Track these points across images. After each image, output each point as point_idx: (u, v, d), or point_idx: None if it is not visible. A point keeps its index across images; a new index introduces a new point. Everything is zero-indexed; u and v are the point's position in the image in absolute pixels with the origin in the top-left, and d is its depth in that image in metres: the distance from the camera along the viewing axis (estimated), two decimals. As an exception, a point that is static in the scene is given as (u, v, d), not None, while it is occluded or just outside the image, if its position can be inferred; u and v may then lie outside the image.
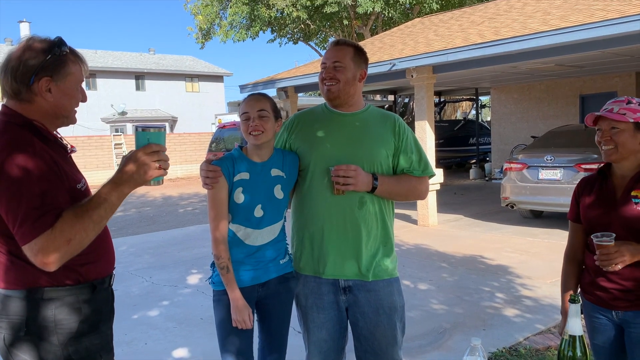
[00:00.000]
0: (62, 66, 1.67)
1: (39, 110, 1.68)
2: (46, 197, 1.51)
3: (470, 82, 14.01)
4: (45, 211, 1.49)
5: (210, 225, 2.27)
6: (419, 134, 8.72)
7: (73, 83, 1.72)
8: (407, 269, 6.03)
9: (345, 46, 2.31)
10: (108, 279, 1.83)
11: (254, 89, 11.67)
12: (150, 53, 37.37)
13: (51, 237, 1.47)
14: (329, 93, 2.28)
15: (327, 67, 2.28)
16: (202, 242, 7.91)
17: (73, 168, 1.76)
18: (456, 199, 11.74)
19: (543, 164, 8.02)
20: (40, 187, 1.51)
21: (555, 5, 9.47)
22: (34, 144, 1.57)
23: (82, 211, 1.53)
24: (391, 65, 8.90)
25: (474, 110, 23.63)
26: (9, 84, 1.65)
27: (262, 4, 21.32)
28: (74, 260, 1.62)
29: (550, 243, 7.03)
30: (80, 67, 1.74)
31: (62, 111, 1.72)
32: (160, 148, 1.59)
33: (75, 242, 1.50)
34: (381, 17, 21.81)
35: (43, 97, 1.66)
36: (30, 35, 1.69)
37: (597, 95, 12.77)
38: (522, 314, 4.55)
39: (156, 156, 1.57)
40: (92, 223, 1.53)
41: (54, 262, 1.49)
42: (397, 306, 2.30)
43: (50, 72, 1.65)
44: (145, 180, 1.58)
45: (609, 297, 2.11)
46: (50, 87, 1.66)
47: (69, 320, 1.67)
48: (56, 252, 1.47)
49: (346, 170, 2.15)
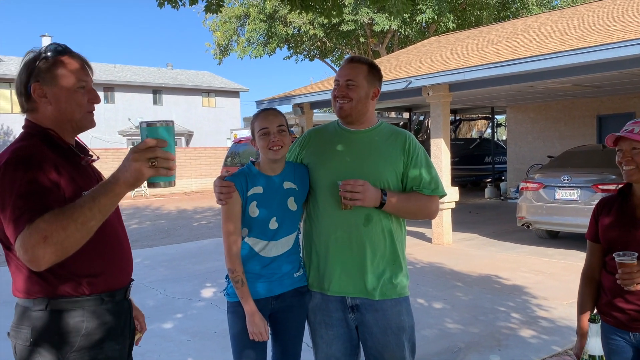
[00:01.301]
0: (49, 70, 1.67)
1: (47, 117, 1.70)
2: (31, 198, 1.49)
3: (486, 101, 13.99)
4: (27, 210, 1.46)
5: (224, 239, 2.29)
6: (435, 151, 8.71)
7: (65, 84, 1.69)
8: (422, 287, 5.99)
9: (359, 64, 2.31)
10: (120, 292, 1.79)
11: (270, 104, 11.76)
12: (168, 68, 37.86)
13: (27, 234, 1.42)
14: (341, 111, 2.29)
15: (340, 85, 2.28)
16: (216, 255, 7.93)
17: (87, 176, 1.74)
18: (471, 217, 11.67)
19: (560, 184, 7.95)
20: (27, 189, 1.50)
21: (573, 26, 9.47)
22: (35, 150, 1.59)
23: (64, 210, 1.45)
24: (407, 83, 8.93)
25: (489, 128, 23.56)
26: (18, 98, 1.72)
27: (280, 21, 21.60)
28: (79, 271, 1.62)
29: (567, 264, 6.95)
30: (75, 68, 1.70)
31: (68, 115, 1.71)
32: (158, 144, 1.40)
33: (54, 240, 1.41)
34: (397, 35, 21.95)
35: (42, 103, 1.69)
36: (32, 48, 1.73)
37: (614, 116, 12.67)
38: (538, 335, 4.49)
39: (149, 153, 1.39)
40: (74, 222, 1.42)
41: (35, 261, 1.42)
42: (405, 326, 2.27)
43: (38, 78, 1.67)
44: (137, 179, 1.41)
45: (626, 318, 2.08)
46: (45, 93, 1.68)
47: (73, 333, 1.65)
48: (34, 250, 1.41)
49: (354, 185, 2.14)
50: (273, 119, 2.26)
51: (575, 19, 10.26)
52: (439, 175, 2.39)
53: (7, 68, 28.76)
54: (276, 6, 20.35)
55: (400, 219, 2.33)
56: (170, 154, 1.43)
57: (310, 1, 4.53)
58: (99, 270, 1.70)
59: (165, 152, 1.41)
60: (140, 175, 1.40)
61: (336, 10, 4.89)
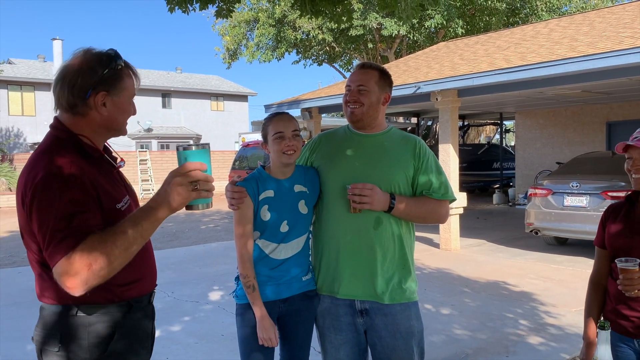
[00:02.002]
0: (118, 80, 1.64)
1: (91, 123, 1.65)
2: (73, 220, 1.45)
3: (495, 107, 13.95)
4: (69, 234, 1.43)
5: (236, 244, 2.30)
6: (443, 157, 8.70)
7: (127, 97, 1.69)
8: (429, 292, 5.98)
9: (371, 70, 2.33)
10: (147, 297, 1.79)
11: (279, 109, 11.80)
12: (177, 72, 38.04)
13: (70, 261, 1.40)
14: (353, 116, 2.31)
15: (352, 90, 2.30)
16: (223, 258, 7.95)
17: (117, 186, 1.72)
18: (479, 223, 11.62)
19: (568, 190, 7.91)
20: (68, 210, 1.46)
21: (583, 32, 9.44)
22: (71, 164, 1.53)
23: (107, 235, 1.44)
24: (416, 88, 8.94)
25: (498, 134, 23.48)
26: (65, 97, 1.61)
27: (289, 26, 21.67)
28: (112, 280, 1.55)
29: (575, 271, 6.91)
30: (133, 81, 1.71)
31: (115, 125, 1.70)
32: (198, 167, 1.43)
33: (97, 267, 1.40)
34: (406, 40, 21.96)
35: (98, 111, 1.63)
36: (86, 48, 1.65)
37: (624, 123, 12.60)
38: (546, 342, 4.47)
39: (191, 176, 1.42)
40: (117, 248, 1.42)
41: (76, 287, 1.41)
42: (414, 331, 2.27)
43: (107, 87, 1.62)
44: (180, 203, 1.44)
45: (631, 325, 2.08)
46: (106, 102, 1.63)
47: (102, 339, 1.64)
48: (76, 277, 1.39)
49: (362, 188, 2.15)
50: (288, 123, 2.29)
51: (585, 25, 10.23)
52: (448, 179, 2.40)
53: (18, 71, 29.01)
54: (285, 11, 20.44)
55: (410, 223, 2.34)
56: (210, 177, 1.46)
57: (321, 6, 4.55)
58: (130, 278, 1.68)
59: (206, 175, 1.45)
60: (183, 200, 1.43)
61: (346, 16, 4.91)
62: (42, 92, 29.33)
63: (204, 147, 1.47)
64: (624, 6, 12.11)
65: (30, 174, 1.53)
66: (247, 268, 2.26)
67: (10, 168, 20.24)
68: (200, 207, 1.48)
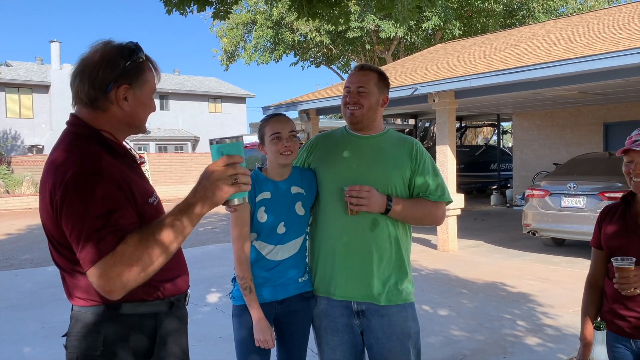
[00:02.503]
0: (140, 74, 1.56)
1: (112, 119, 1.56)
2: (110, 219, 1.37)
3: (492, 108, 13.97)
4: (107, 234, 1.35)
5: (233, 245, 2.30)
6: (440, 158, 8.72)
7: (149, 91, 1.61)
8: (427, 293, 5.98)
9: (370, 71, 2.34)
10: (184, 296, 1.73)
11: (277, 110, 11.80)
12: (175, 74, 38.06)
13: (111, 262, 1.33)
14: (352, 117, 2.31)
15: (352, 91, 2.31)
16: (221, 260, 7.95)
17: (144, 180, 1.65)
18: (477, 224, 11.64)
19: (566, 191, 7.93)
20: (104, 208, 1.38)
21: (580, 34, 9.47)
22: (101, 160, 1.45)
23: (147, 234, 1.37)
24: (413, 90, 8.95)
25: (495, 135, 23.52)
26: (85, 90, 1.53)
27: (286, 28, 21.69)
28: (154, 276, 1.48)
29: (572, 272, 6.92)
30: (154, 75, 1.63)
31: (136, 121, 1.61)
32: (235, 160, 1.38)
33: (139, 268, 1.35)
34: (403, 42, 21.99)
35: (119, 105, 1.54)
36: (106, 40, 1.57)
37: (621, 124, 12.63)
38: (544, 343, 4.47)
39: (230, 170, 1.37)
40: (159, 248, 1.37)
41: (116, 290, 1.35)
42: (410, 332, 2.28)
43: (129, 80, 1.53)
44: (220, 198, 1.39)
45: (626, 325, 2.09)
46: (127, 95, 1.54)
47: (148, 338, 1.57)
48: (118, 279, 1.33)
49: (359, 190, 2.15)
50: (285, 124, 2.29)
51: (582, 27, 10.26)
52: (445, 182, 2.40)
53: (15, 73, 28.98)
54: (283, 13, 20.45)
55: (406, 225, 2.34)
56: (247, 170, 1.42)
57: (318, 9, 4.56)
58: (171, 274, 1.63)
59: (243, 168, 1.40)
60: (223, 194, 1.38)
61: (343, 18, 4.92)
62: (39, 95, 29.31)
63: (238, 139, 1.42)
64: (620, 7, 12.15)
65: (58, 172, 1.44)
66: (244, 270, 2.26)
67: (8, 170, 20.21)
68: (237, 201, 1.43)
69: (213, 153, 1.40)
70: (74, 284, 1.56)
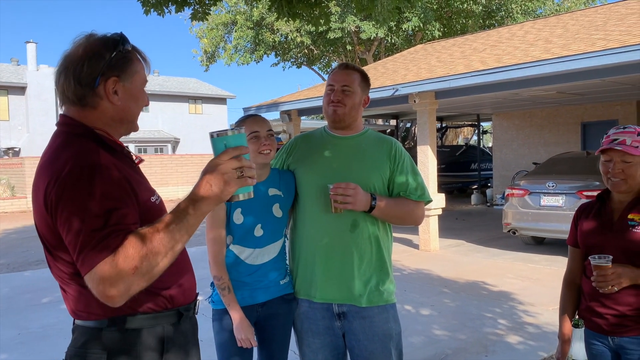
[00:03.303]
0: (128, 64, 1.46)
1: (103, 116, 1.47)
2: (110, 218, 1.27)
3: (472, 108, 14.10)
4: (108, 234, 1.25)
5: (208, 246, 2.28)
6: (421, 158, 8.76)
7: (139, 83, 1.51)
8: (409, 293, 6.00)
9: (354, 71, 2.34)
10: (193, 305, 1.63)
11: (258, 111, 11.76)
12: (155, 75, 37.70)
13: (112, 265, 1.22)
14: (335, 115, 2.29)
15: (336, 90, 2.29)
16: (203, 263, 7.84)
17: (145, 179, 1.56)
18: (458, 224, 11.72)
19: (545, 190, 8.03)
20: (103, 206, 1.28)
21: (557, 34, 9.60)
22: (99, 156, 1.36)
23: (151, 234, 1.27)
24: (394, 90, 8.98)
25: (475, 136, 23.73)
26: (72, 88, 1.42)
27: (267, 28, 21.63)
28: (160, 285, 1.42)
29: (552, 270, 7.00)
30: (143, 66, 1.52)
31: (128, 115, 1.51)
32: (241, 151, 1.30)
33: (143, 270, 1.24)
34: (384, 42, 22.09)
35: (110, 100, 1.45)
36: (88, 33, 1.47)
37: (598, 123, 12.84)
38: (524, 341, 4.51)
39: (236, 163, 1.29)
40: (164, 248, 1.27)
41: (118, 296, 1.24)
42: (392, 333, 2.27)
43: (117, 72, 1.43)
44: (227, 193, 1.30)
45: (604, 322, 2.11)
46: (117, 89, 1.45)
47: (155, 352, 1.47)
48: (120, 283, 1.22)
49: (345, 188, 2.13)
50: (262, 123, 2.29)
51: (559, 28, 10.41)
52: (425, 182, 2.41)
53: (-9, 75, 28.47)
54: (263, 13, 20.40)
55: (387, 225, 2.34)
56: (252, 162, 1.35)
57: (298, 9, 4.55)
58: (176, 283, 1.54)
59: (248, 161, 1.32)
60: (230, 188, 1.30)
61: (324, 19, 4.91)
62: (15, 96, 28.82)
63: (240, 130, 1.34)
64: (596, 9, 12.36)
65: (52, 170, 1.34)
66: (221, 270, 2.24)
67: (-17, 173, 19.80)
68: (242, 196, 1.36)
69: (216, 146, 1.32)
70: (74, 297, 1.45)
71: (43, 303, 5.99)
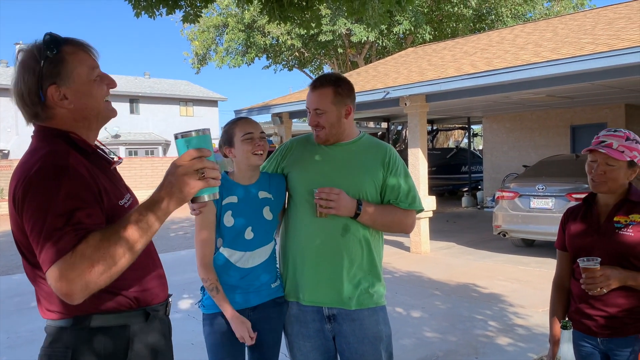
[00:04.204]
0: (61, 66, 1.44)
1: (65, 121, 1.48)
2: (73, 217, 1.29)
3: (463, 111, 14.17)
4: (68, 232, 1.27)
5: (196, 248, 2.27)
6: (412, 161, 8.79)
7: (84, 76, 1.48)
8: (400, 296, 6.01)
9: (323, 89, 2.25)
10: (162, 306, 1.64)
11: (249, 114, 11.75)
12: (146, 77, 37.58)
13: (71, 263, 1.24)
14: (318, 138, 2.30)
15: (311, 114, 2.28)
16: (193, 266, 7.80)
17: (117, 182, 1.57)
18: (448, 226, 11.77)
19: (534, 193, 8.08)
20: (68, 205, 1.30)
21: (546, 38, 9.67)
22: (69, 156, 1.38)
23: (110, 232, 1.29)
24: (385, 94, 9.01)
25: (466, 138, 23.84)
26: (26, 109, 1.46)
27: (258, 31, 21.63)
28: (122, 285, 1.44)
29: (542, 272, 7.05)
30: (84, 54, 1.50)
31: (89, 111, 1.50)
32: (202, 153, 1.32)
33: (101, 268, 1.26)
34: (375, 46, 22.14)
35: (62, 106, 1.46)
36: (18, 49, 1.47)
37: (587, 126, 12.95)
38: (514, 343, 4.54)
39: (197, 163, 1.30)
40: (122, 247, 1.28)
41: (76, 293, 1.25)
42: (382, 335, 2.27)
43: (52, 79, 1.43)
44: (188, 194, 1.32)
45: (593, 324, 2.13)
46: (63, 93, 1.45)
47: (120, 352, 1.48)
48: (78, 280, 1.24)
49: (329, 193, 2.14)
50: (255, 125, 2.30)
51: (549, 32, 10.49)
52: (416, 185, 2.40)
53: (-21, 76, 28.25)
54: (254, 16, 20.39)
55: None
56: (215, 164, 1.35)
57: (289, 12, 4.55)
58: (142, 282, 1.55)
59: (211, 162, 1.34)
60: (190, 189, 1.31)
61: (315, 22, 4.92)
62: (4, 98, 28.55)
63: (205, 132, 1.35)
64: (585, 13, 12.47)
65: (22, 169, 1.37)
66: (208, 272, 2.23)
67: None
68: (207, 197, 1.37)
69: (179, 147, 1.34)
70: (42, 296, 1.48)
71: (32, 307, 5.93)
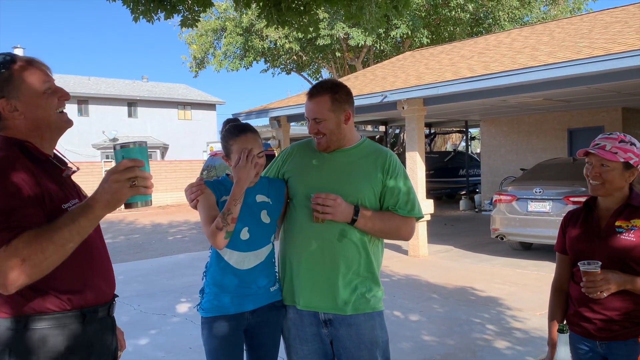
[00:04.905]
0: (9, 81, 1.58)
1: (19, 131, 1.61)
2: (11, 216, 1.42)
3: (460, 115, 14.21)
4: (5, 229, 1.40)
5: (203, 229, 2.23)
6: (410, 164, 8.81)
7: (34, 89, 1.61)
8: (398, 299, 6.02)
9: (320, 97, 2.25)
10: (104, 308, 1.70)
11: (247, 117, 11.77)
12: (144, 80, 37.59)
13: (3, 257, 1.36)
14: (319, 146, 2.31)
15: (310, 122, 2.29)
16: (191, 270, 7.85)
17: (66, 188, 1.67)
18: (446, 229, 11.78)
19: (532, 196, 8.09)
20: (7, 204, 1.43)
21: (543, 42, 9.71)
22: (14, 160, 1.51)
23: (42, 231, 1.41)
24: (383, 97, 9.03)
25: (463, 142, 23.88)
26: None
27: (256, 35, 21.67)
28: (59, 286, 1.54)
29: (540, 275, 7.06)
30: (31, 71, 1.63)
31: (41, 122, 1.64)
32: (135, 164, 1.42)
33: (31, 263, 1.38)
34: (373, 49, 22.20)
35: (14, 118, 1.60)
36: None
37: (584, 130, 12.99)
38: (512, 346, 4.54)
39: (129, 173, 1.41)
40: (53, 245, 1.40)
41: (6, 285, 1.37)
42: (378, 341, 2.26)
43: (2, 93, 1.57)
44: (118, 200, 1.42)
45: (592, 327, 2.14)
46: (15, 106, 1.59)
47: (57, 353, 1.55)
48: (10, 272, 1.36)
49: (325, 199, 2.13)
50: (253, 140, 2.25)
51: (546, 35, 10.53)
52: (414, 189, 2.40)
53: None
54: (252, 20, 20.43)
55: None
56: (148, 173, 1.45)
57: (287, 16, 4.57)
58: (80, 284, 1.62)
59: (143, 172, 1.43)
60: (121, 196, 1.41)
61: (313, 26, 4.94)
62: (2, 102, 28.57)
63: (141, 144, 1.47)
64: (582, 17, 12.53)
65: None
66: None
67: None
68: (140, 204, 1.48)
69: (116, 157, 1.45)
70: None
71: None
